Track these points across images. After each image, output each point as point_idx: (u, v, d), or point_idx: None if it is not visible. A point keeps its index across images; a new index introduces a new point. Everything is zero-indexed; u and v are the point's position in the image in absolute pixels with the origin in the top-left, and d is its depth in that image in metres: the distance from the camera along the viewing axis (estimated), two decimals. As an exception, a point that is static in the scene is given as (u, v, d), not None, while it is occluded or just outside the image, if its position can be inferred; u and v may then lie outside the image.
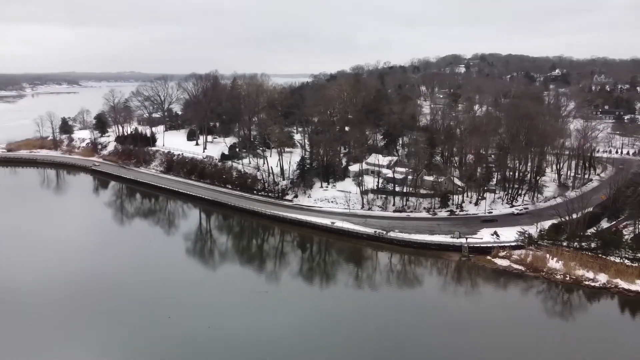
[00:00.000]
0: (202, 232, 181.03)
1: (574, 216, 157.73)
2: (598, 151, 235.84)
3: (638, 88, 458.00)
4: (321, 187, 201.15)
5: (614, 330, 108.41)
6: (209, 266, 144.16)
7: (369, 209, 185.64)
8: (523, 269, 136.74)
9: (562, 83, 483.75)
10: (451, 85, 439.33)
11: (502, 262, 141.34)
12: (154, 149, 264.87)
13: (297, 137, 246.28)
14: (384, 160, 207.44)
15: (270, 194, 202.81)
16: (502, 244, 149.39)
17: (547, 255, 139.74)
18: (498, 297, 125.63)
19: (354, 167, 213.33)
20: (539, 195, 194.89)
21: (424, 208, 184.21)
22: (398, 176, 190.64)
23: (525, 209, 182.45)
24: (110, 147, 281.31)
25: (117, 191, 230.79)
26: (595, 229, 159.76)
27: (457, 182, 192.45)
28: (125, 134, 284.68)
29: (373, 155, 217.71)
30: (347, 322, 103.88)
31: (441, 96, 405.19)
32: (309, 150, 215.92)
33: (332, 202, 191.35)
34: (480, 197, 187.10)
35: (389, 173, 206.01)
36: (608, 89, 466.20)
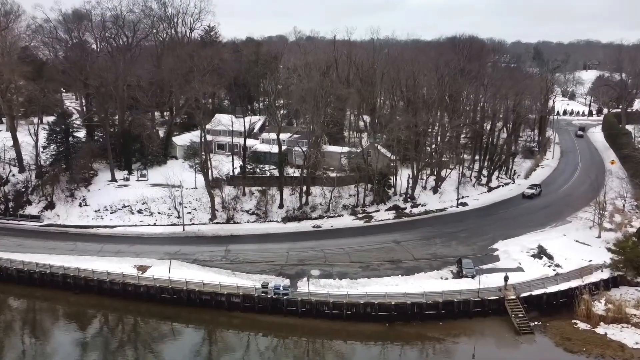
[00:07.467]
0: None
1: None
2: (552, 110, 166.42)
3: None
4: (113, 180, 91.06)
5: None
6: None
7: (230, 219, 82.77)
8: None
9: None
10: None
11: (631, 336, 52.34)
12: None
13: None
14: (240, 123, 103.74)
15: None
16: (586, 283, 60.71)
17: None
18: None
19: (184, 139, 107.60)
20: (514, 169, 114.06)
21: (345, 207, 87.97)
22: (277, 149, 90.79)
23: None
24: None
25: None
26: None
27: (386, 152, 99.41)
28: None
29: (218, 117, 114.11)
30: None
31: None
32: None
33: (140, 211, 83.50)
34: (439, 178, 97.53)
35: (256, 145, 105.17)
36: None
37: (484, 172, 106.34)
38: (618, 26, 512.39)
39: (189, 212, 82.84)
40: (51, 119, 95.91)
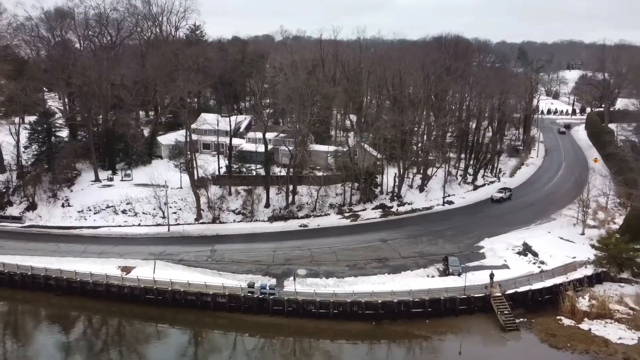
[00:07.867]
0: None
1: None
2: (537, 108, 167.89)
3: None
4: (97, 180, 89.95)
5: None
6: None
7: (216, 219, 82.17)
8: (690, 352, 49.80)
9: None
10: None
11: (614, 331, 52.87)
12: None
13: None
14: (226, 122, 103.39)
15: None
16: (570, 279, 61.31)
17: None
18: None
19: (169, 138, 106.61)
20: (499, 167, 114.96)
21: (331, 206, 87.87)
22: (263, 148, 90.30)
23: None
24: None
25: None
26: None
27: (372, 151, 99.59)
28: None
29: (203, 116, 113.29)
30: None
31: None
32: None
33: (124, 211, 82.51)
34: (425, 177, 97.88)
35: (242, 144, 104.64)
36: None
37: (470, 170, 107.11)
38: (615, 25, 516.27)
39: (174, 212, 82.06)
40: (33, 118, 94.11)
